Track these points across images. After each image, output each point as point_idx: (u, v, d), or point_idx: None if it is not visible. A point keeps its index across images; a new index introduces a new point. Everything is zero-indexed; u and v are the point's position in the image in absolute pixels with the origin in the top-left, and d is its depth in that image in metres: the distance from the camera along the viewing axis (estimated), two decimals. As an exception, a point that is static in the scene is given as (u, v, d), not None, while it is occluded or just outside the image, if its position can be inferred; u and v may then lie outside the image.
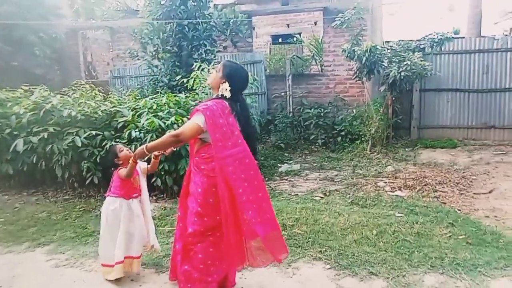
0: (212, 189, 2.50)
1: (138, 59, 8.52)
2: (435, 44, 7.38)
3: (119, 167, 3.11)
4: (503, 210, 4.41)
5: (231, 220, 2.44)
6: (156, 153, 2.87)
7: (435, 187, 5.30)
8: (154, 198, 5.19)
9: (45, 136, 5.15)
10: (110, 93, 7.01)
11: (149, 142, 4.84)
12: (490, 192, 5.08)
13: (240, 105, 2.61)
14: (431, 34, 7.47)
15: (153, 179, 5.01)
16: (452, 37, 7.49)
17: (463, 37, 9.17)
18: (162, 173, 4.93)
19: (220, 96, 2.58)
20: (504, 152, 7.21)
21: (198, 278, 2.55)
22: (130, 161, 2.88)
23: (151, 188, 5.17)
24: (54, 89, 6.23)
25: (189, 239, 2.58)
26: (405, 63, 7.00)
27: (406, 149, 7.65)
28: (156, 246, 3.21)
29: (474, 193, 5.06)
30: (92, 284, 3.05)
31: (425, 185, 5.39)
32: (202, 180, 2.54)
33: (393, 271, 3.04)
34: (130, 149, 4.98)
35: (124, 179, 3.03)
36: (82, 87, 6.30)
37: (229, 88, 2.54)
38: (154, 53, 8.08)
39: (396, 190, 5.22)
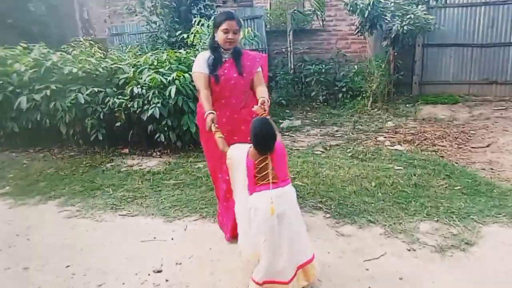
0: None
1: (136, 15, 8.33)
2: (440, -4, 7.19)
3: None
4: (499, 163, 4.51)
5: None
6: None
7: (434, 141, 5.39)
8: (158, 153, 5.30)
9: (48, 94, 5.17)
10: (109, 50, 6.95)
11: (151, 98, 4.92)
12: (488, 146, 5.17)
13: None
14: (437, -15, 7.27)
15: (157, 135, 5.09)
16: (458, -11, 7.29)
17: (470, -11, 8.89)
18: (166, 129, 5.00)
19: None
20: (504, 108, 7.24)
21: None
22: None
23: (155, 143, 5.30)
24: (51, 47, 6.17)
25: None
26: (408, 16, 6.87)
27: (407, 105, 7.67)
28: None
29: (472, 147, 5.14)
30: (103, 233, 3.21)
31: (424, 139, 5.47)
32: None
33: (390, 219, 3.18)
34: (133, 106, 5.05)
35: None
36: (81, 44, 6.24)
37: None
38: (152, 8, 7.89)
39: (395, 145, 5.31)
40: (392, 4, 7.29)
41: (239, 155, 2.30)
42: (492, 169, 4.34)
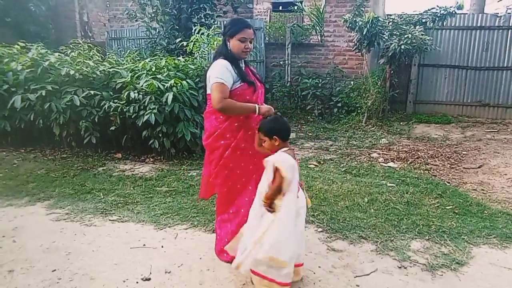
0: None
1: (136, 21, 8.36)
2: (437, 18, 7.33)
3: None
4: (490, 184, 4.55)
5: None
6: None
7: (427, 160, 5.43)
8: (151, 159, 5.27)
9: (43, 94, 5.13)
10: (107, 54, 6.94)
11: (147, 104, 4.90)
12: (479, 167, 5.22)
13: None
14: (434, 8, 7.40)
15: (151, 141, 5.07)
16: (455, 12, 7.43)
17: (466, 13, 9.10)
18: (160, 135, 4.98)
19: None
20: (496, 130, 7.35)
21: None
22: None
23: (148, 149, 5.27)
24: (49, 48, 6.15)
25: None
26: (406, 36, 6.98)
27: (401, 123, 7.75)
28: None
29: (464, 168, 5.19)
30: (92, 237, 3.16)
31: (417, 158, 5.51)
32: None
33: (382, 236, 3.18)
34: (128, 110, 5.02)
35: None
36: (80, 47, 6.23)
37: None
38: (152, 15, 7.93)
39: (389, 162, 5.34)
40: (390, 23, 7.41)
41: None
42: (483, 190, 4.38)
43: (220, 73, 2.50)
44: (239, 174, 2.65)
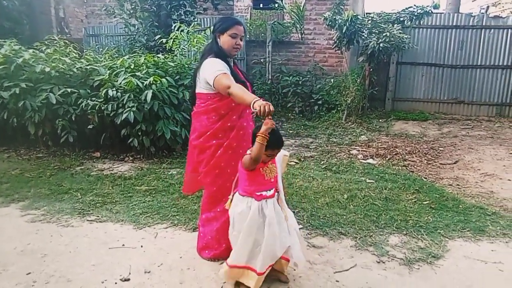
0: None
1: (115, 17, 8.21)
2: (414, 17, 7.47)
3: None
4: (465, 180, 4.68)
5: None
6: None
7: (405, 156, 5.54)
8: (131, 158, 5.20)
9: (17, 92, 4.99)
10: (85, 51, 6.79)
11: (126, 101, 4.82)
12: (455, 162, 5.36)
13: None
14: (412, 7, 7.55)
15: (130, 140, 4.99)
16: (431, 12, 7.59)
17: (442, 13, 9.31)
18: (139, 133, 4.91)
19: None
20: (470, 127, 7.56)
21: None
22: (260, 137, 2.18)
23: (128, 148, 5.19)
24: (23, 44, 5.97)
25: None
26: (384, 34, 7.09)
27: (380, 120, 7.87)
28: (298, 262, 2.45)
29: (440, 163, 5.32)
30: (69, 238, 3.09)
31: (395, 154, 5.62)
32: None
33: (361, 232, 3.23)
34: (106, 108, 4.93)
35: (250, 170, 2.29)
36: (56, 43, 6.08)
37: None
38: (131, 11, 7.81)
39: (368, 158, 5.42)
40: (369, 21, 7.51)
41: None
42: (458, 185, 4.49)
43: (219, 66, 2.44)
44: (229, 173, 2.61)
